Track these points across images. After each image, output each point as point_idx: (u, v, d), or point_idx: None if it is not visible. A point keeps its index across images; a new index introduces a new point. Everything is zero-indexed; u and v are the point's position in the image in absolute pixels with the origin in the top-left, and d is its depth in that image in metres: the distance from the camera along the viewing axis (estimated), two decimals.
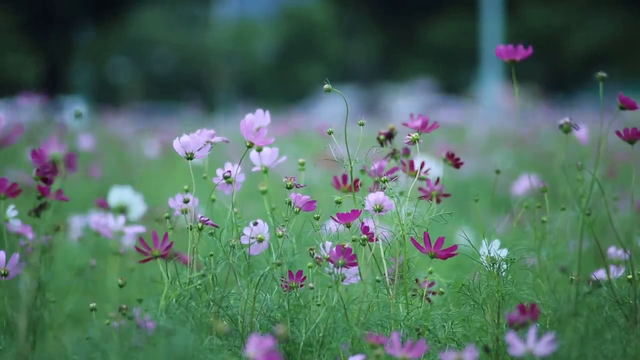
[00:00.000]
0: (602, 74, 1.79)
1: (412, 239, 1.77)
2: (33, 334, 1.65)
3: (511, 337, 1.51)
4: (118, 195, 2.60)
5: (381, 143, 2.00)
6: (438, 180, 1.98)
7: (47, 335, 1.96)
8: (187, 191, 1.82)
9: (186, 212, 1.80)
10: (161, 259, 1.76)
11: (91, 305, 1.82)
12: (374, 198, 1.79)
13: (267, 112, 1.92)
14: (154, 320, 1.65)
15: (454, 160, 2.01)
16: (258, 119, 1.92)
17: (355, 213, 1.76)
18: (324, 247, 1.77)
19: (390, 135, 2.01)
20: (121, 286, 1.86)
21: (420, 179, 1.97)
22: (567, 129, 1.86)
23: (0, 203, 1.78)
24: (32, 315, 1.70)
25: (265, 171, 1.95)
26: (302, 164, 1.98)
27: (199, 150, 1.82)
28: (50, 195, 1.76)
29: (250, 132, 1.84)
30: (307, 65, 26.83)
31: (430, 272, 1.92)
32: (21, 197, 1.84)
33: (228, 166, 1.87)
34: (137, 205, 2.61)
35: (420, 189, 1.98)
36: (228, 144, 1.94)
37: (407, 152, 2.01)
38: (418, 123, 1.92)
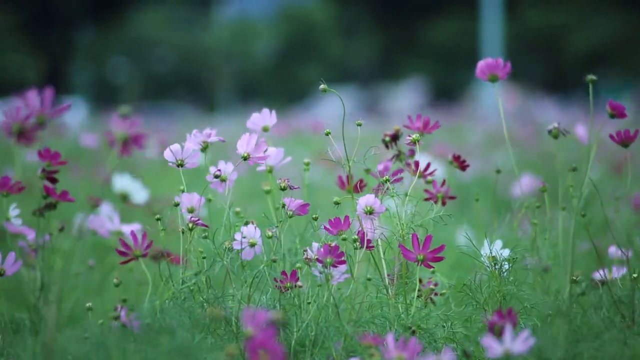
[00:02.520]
0: (592, 76, 1.80)
1: (400, 245, 1.76)
2: (36, 334, 1.65)
3: (487, 340, 1.50)
4: (120, 183, 2.62)
5: (386, 145, 2.00)
6: (444, 182, 1.97)
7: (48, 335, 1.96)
8: (183, 191, 1.82)
9: (192, 211, 1.80)
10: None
11: (87, 305, 1.82)
12: (364, 201, 1.79)
13: (274, 112, 1.92)
14: (149, 320, 1.65)
15: (460, 162, 2.00)
16: (264, 118, 1.92)
17: (347, 221, 1.76)
18: (312, 248, 1.77)
19: (395, 137, 2.00)
20: (117, 286, 1.86)
21: (427, 182, 1.96)
22: (555, 134, 1.86)
23: (3, 201, 1.78)
24: (35, 315, 1.70)
25: (270, 171, 1.94)
26: (307, 164, 1.97)
27: (189, 157, 1.82)
28: (56, 195, 1.76)
29: (249, 147, 1.82)
30: (307, 65, 26.84)
31: (433, 272, 1.92)
32: (22, 196, 1.83)
33: (221, 165, 1.86)
34: (139, 192, 2.62)
35: (426, 190, 1.97)
36: (228, 143, 1.94)
37: (412, 153, 2.00)
38: (419, 124, 1.91)
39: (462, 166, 2.00)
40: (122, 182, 2.61)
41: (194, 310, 1.71)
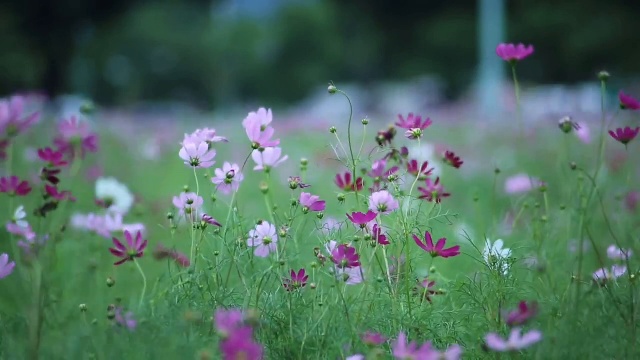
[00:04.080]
0: (604, 73, 1.79)
1: (415, 237, 1.76)
2: (37, 334, 1.65)
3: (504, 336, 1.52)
4: (104, 188, 2.61)
5: (380, 143, 2.00)
6: (438, 180, 1.98)
7: (48, 335, 1.96)
8: (187, 191, 1.82)
9: (190, 212, 1.80)
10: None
11: (81, 305, 1.82)
12: (378, 197, 1.79)
13: (270, 111, 1.92)
14: (144, 319, 1.64)
15: (453, 160, 2.01)
16: (261, 117, 1.92)
17: (371, 215, 1.76)
18: (328, 246, 1.76)
19: (389, 135, 2.01)
20: (110, 286, 1.86)
21: (420, 179, 1.96)
22: (567, 128, 1.85)
23: (10, 202, 1.78)
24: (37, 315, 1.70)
25: (268, 170, 1.94)
26: (305, 163, 1.98)
27: (204, 155, 1.83)
28: (57, 195, 1.76)
29: (257, 133, 1.83)
30: (307, 65, 26.85)
31: (433, 272, 1.92)
32: (20, 196, 1.83)
33: (227, 166, 1.87)
34: (123, 197, 2.62)
35: (420, 188, 1.98)
36: (228, 143, 1.94)
37: (405, 151, 2.00)
38: (411, 122, 1.91)
39: (456, 163, 2.01)
40: (107, 187, 2.61)
41: (189, 310, 1.71)
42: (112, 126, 9.18)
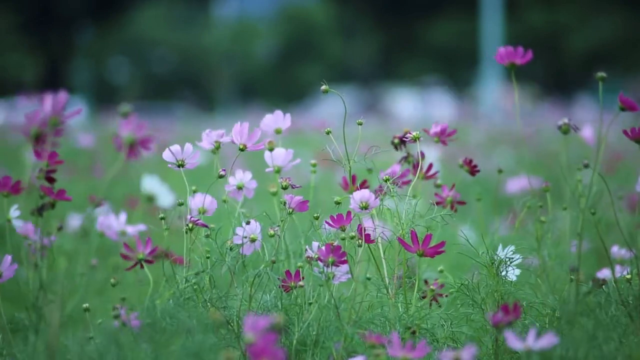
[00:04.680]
0: (601, 73, 1.78)
1: (399, 238, 1.74)
2: (35, 334, 1.65)
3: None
4: (148, 184, 2.61)
5: (396, 147, 1.98)
6: (454, 186, 1.96)
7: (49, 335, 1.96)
8: (195, 192, 1.82)
9: (203, 212, 1.80)
10: (147, 262, 1.75)
11: (84, 305, 1.82)
12: (359, 196, 1.77)
13: (288, 115, 1.89)
14: (149, 319, 1.64)
15: (471, 167, 1.99)
16: (277, 119, 1.90)
17: (349, 216, 1.75)
18: (311, 247, 1.76)
19: (404, 139, 1.98)
20: (114, 285, 1.86)
21: (437, 186, 1.96)
22: (565, 130, 1.85)
23: (4, 202, 1.78)
24: (35, 315, 1.70)
25: (278, 171, 1.92)
26: (314, 165, 1.96)
27: (190, 157, 1.81)
28: (53, 194, 1.76)
29: (244, 135, 1.82)
30: (307, 65, 26.85)
31: (441, 272, 1.91)
32: (24, 196, 1.83)
33: (239, 173, 1.85)
34: (166, 196, 2.62)
35: (436, 194, 1.96)
36: (228, 145, 1.93)
37: (422, 156, 1.98)
38: (438, 129, 1.90)
39: (473, 171, 1.99)
40: (150, 184, 2.61)
41: (195, 310, 1.71)
42: (111, 126, 9.17)
